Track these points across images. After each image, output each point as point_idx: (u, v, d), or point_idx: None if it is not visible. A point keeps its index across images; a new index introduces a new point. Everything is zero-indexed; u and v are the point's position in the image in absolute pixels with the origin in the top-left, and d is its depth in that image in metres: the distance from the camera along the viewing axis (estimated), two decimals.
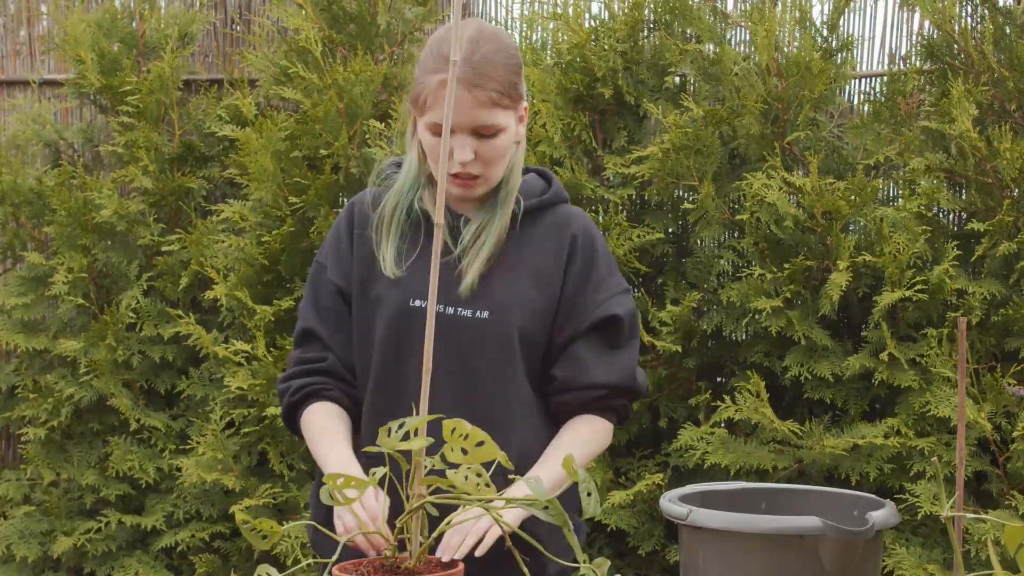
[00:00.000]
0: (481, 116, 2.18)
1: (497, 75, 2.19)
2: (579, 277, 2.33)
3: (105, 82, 4.82)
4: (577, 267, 2.33)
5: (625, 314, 2.34)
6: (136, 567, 4.69)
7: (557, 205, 2.37)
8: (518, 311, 2.28)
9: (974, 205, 4.11)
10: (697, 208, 4.23)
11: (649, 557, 4.29)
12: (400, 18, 4.72)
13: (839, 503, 2.09)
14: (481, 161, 2.22)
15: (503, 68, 2.20)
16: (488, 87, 2.17)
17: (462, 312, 2.27)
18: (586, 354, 2.32)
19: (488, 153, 2.22)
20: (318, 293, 2.37)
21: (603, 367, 2.33)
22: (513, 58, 2.23)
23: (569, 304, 2.32)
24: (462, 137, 2.20)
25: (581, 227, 2.35)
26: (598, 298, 2.32)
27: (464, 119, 2.18)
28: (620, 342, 2.35)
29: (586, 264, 2.33)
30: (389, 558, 1.78)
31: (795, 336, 4.05)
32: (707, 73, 4.39)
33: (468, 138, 2.20)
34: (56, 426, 4.78)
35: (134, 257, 4.86)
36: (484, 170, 2.24)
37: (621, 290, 2.36)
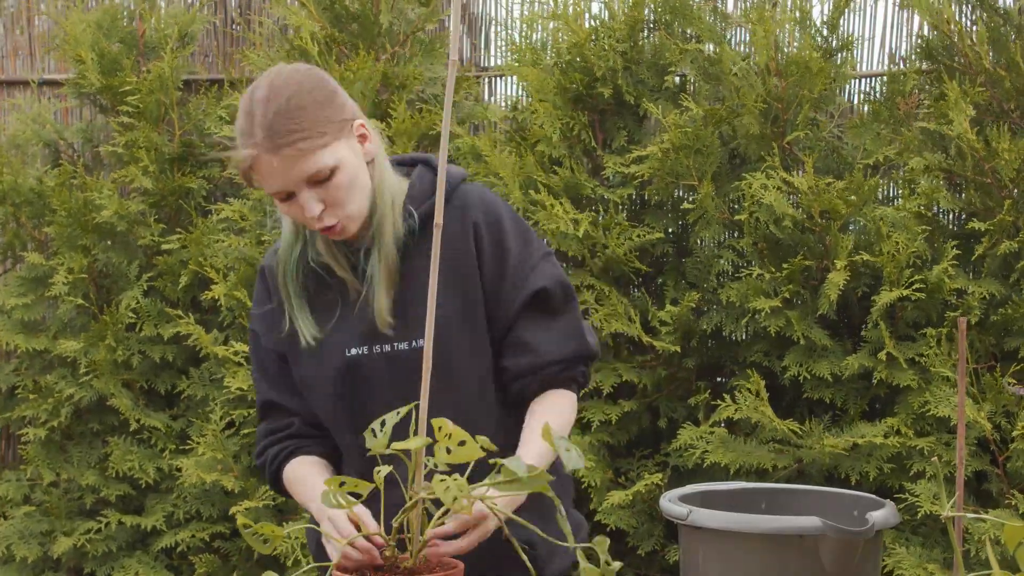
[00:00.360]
0: (304, 170, 2.09)
1: (297, 124, 2.07)
2: (494, 262, 2.23)
3: (105, 82, 4.82)
4: (488, 253, 2.22)
5: (551, 283, 2.24)
6: (136, 567, 4.69)
7: (454, 193, 2.24)
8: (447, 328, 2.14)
9: (973, 205, 4.11)
10: (696, 208, 4.23)
11: (649, 557, 4.29)
12: (403, 18, 4.72)
13: (839, 503, 2.09)
14: (333, 206, 2.12)
15: (302, 111, 2.09)
16: (292, 141, 2.07)
17: (399, 346, 2.21)
18: (527, 335, 2.23)
19: (335, 196, 2.12)
20: (263, 362, 2.33)
21: (549, 343, 2.24)
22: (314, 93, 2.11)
23: (494, 293, 2.23)
24: (302, 194, 2.11)
25: (480, 208, 2.24)
26: (520, 276, 2.23)
27: (290, 181, 2.09)
28: (556, 310, 2.26)
29: (496, 245, 2.23)
30: (389, 558, 1.79)
31: (794, 336, 4.05)
32: (707, 73, 4.39)
33: (308, 192, 2.10)
34: (56, 426, 4.78)
35: (134, 257, 4.86)
36: (343, 210, 2.14)
37: (540, 257, 2.26)
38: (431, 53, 4.72)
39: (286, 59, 4.64)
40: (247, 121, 2.10)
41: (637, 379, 4.26)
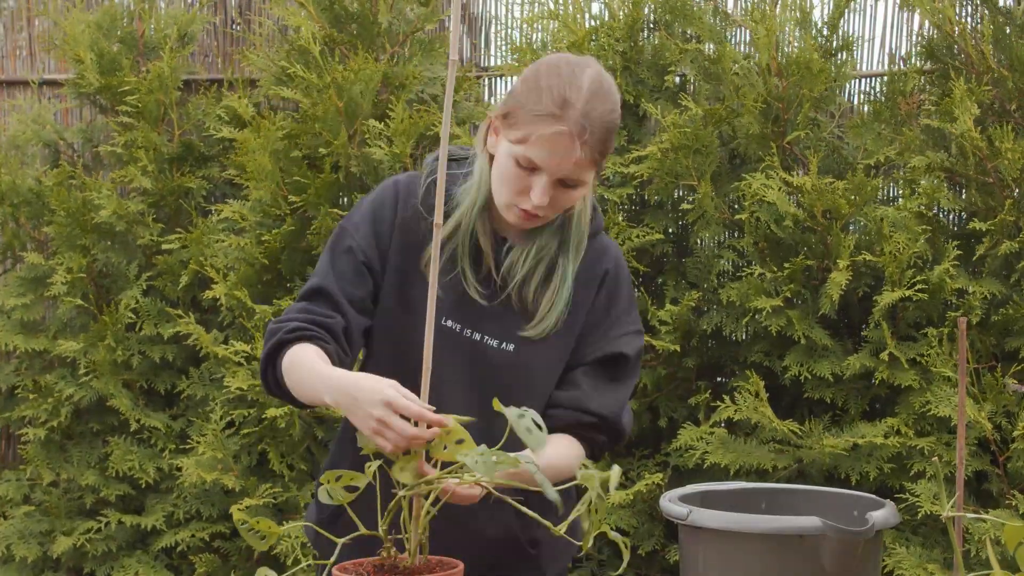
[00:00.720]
0: (575, 171, 2.14)
1: (605, 136, 2.15)
2: (599, 310, 2.30)
3: (105, 82, 4.82)
4: (600, 300, 2.30)
5: (632, 354, 2.32)
6: (136, 567, 4.68)
7: (596, 236, 2.33)
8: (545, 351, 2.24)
9: (975, 205, 4.10)
10: (696, 208, 4.23)
11: (649, 557, 4.29)
12: (402, 18, 4.72)
13: (839, 503, 2.09)
14: (553, 207, 2.18)
15: (608, 130, 2.15)
16: (595, 148, 2.13)
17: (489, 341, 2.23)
18: (585, 382, 2.29)
19: (562, 201, 2.18)
20: (339, 258, 2.26)
21: (599, 397, 2.29)
22: (616, 119, 2.19)
23: (584, 334, 2.30)
24: (545, 180, 2.14)
25: (613, 262, 2.33)
26: (611, 334, 2.30)
27: (559, 168, 2.13)
28: (620, 377, 2.33)
29: (609, 298, 2.31)
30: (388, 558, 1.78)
31: (795, 336, 4.05)
32: (707, 73, 4.39)
33: (549, 183, 2.14)
34: (56, 426, 4.78)
35: (133, 257, 4.86)
36: (551, 213, 2.20)
37: (635, 330, 2.34)
38: (430, 53, 4.72)
39: (287, 59, 4.64)
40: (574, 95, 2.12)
41: (637, 379, 4.25)
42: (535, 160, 2.12)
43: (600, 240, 2.33)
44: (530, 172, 2.14)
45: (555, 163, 2.12)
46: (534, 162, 2.13)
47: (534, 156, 2.12)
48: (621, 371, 2.32)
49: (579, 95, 2.12)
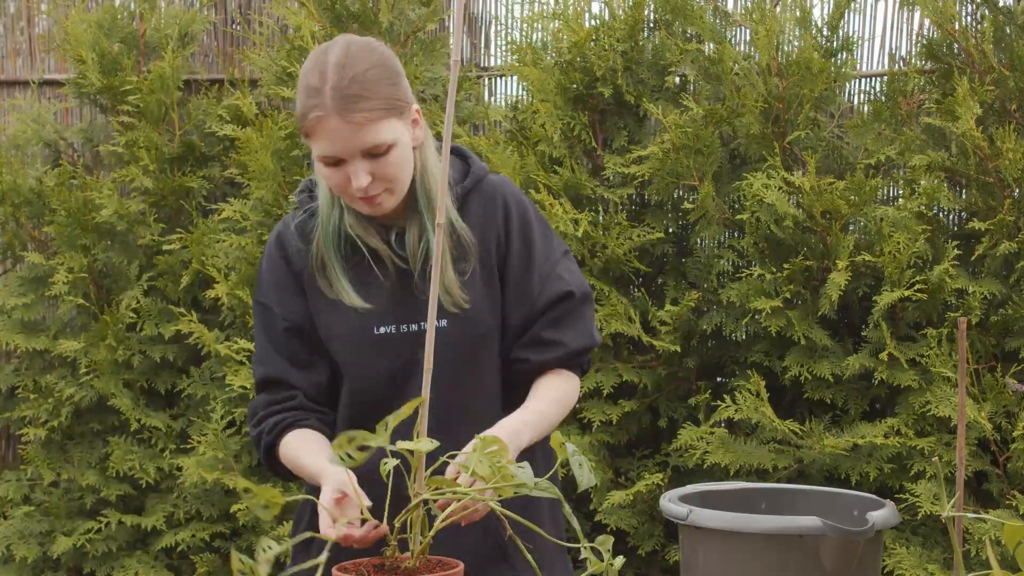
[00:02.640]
0: (365, 139, 2.12)
1: (370, 93, 2.12)
2: (520, 254, 2.29)
3: (105, 82, 4.82)
4: (516, 245, 2.29)
5: (576, 287, 2.32)
6: (136, 567, 4.69)
7: (481, 182, 2.32)
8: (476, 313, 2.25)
9: (975, 204, 4.10)
10: (697, 208, 4.23)
11: (649, 557, 4.29)
12: (403, 18, 4.72)
13: (839, 503, 2.09)
14: (380, 179, 2.16)
15: (375, 83, 2.13)
16: (363, 108, 2.11)
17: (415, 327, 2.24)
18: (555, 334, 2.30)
19: (384, 171, 2.16)
20: (270, 334, 2.31)
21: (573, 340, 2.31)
22: (387, 69, 2.17)
23: (519, 285, 2.29)
24: (354, 164, 2.14)
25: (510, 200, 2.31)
26: (544, 275, 2.29)
27: (348, 147, 2.12)
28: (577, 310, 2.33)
29: (523, 237, 2.30)
30: (389, 558, 1.78)
31: (795, 336, 4.05)
32: (707, 73, 4.39)
33: (360, 163, 2.14)
34: (56, 426, 4.78)
35: (134, 257, 4.86)
36: (388, 185, 2.18)
37: (561, 254, 2.33)
38: (431, 53, 4.72)
39: (287, 59, 4.64)
40: (319, 80, 2.13)
41: (637, 379, 4.26)
42: (326, 154, 2.14)
43: (487, 183, 2.32)
44: (336, 165, 2.15)
45: (340, 146, 2.13)
46: (329, 155, 2.14)
47: (322, 151, 2.14)
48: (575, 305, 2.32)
49: (324, 77, 2.13)
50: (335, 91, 2.10)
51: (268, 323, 2.32)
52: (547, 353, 2.30)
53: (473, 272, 2.26)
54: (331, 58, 2.14)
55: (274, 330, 2.31)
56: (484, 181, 2.32)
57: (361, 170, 2.14)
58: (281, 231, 2.33)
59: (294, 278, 2.30)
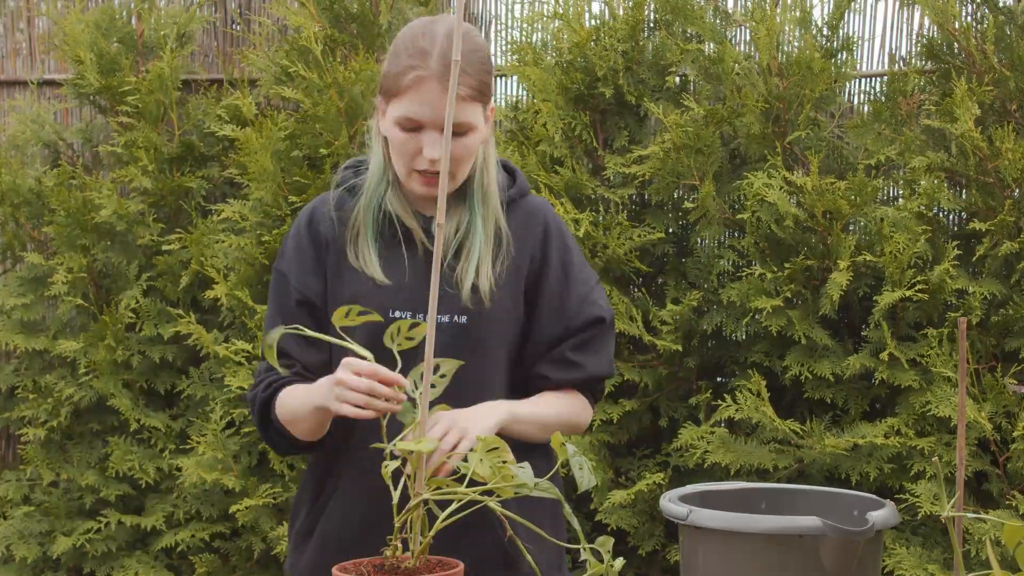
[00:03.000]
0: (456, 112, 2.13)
1: (472, 71, 2.16)
2: (559, 276, 2.33)
3: (104, 82, 4.82)
4: (554, 265, 2.33)
5: (607, 314, 2.36)
6: (136, 567, 4.69)
7: (523, 198, 2.36)
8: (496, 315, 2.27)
9: (975, 205, 4.10)
10: (698, 208, 4.23)
11: (649, 557, 4.29)
12: (402, 18, 4.72)
13: (839, 503, 2.09)
14: (451, 159, 2.17)
15: (478, 65, 2.19)
16: (464, 82, 2.15)
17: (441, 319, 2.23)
18: (580, 358, 2.33)
19: (458, 151, 2.19)
20: (282, 305, 2.32)
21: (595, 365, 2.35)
22: (486, 57, 2.23)
23: (555, 304, 2.32)
24: (433, 134, 2.17)
25: (551, 221, 2.35)
26: (581, 297, 2.33)
27: (437, 115, 2.15)
28: (604, 337, 2.37)
29: (562, 261, 2.34)
30: (389, 558, 1.78)
31: (795, 336, 4.05)
32: (708, 73, 4.39)
33: (437, 134, 2.17)
34: (56, 426, 4.78)
35: (134, 257, 4.86)
36: (453, 168, 2.20)
37: (595, 283, 2.38)
38: None
39: (287, 59, 4.64)
40: (428, 43, 2.17)
41: (638, 378, 4.25)
42: (412, 116, 2.16)
43: (529, 201, 2.36)
44: (415, 132, 2.18)
45: (430, 110, 2.15)
46: (412, 118, 2.16)
47: (409, 112, 2.16)
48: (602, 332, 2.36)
49: (434, 42, 2.17)
50: (444, 58, 2.15)
51: (282, 293, 2.33)
52: (568, 374, 2.33)
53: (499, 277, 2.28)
54: (441, 29, 2.19)
55: (286, 301, 2.32)
56: (527, 198, 2.36)
57: (436, 141, 2.17)
58: (316, 205, 2.35)
59: (317, 255, 2.30)
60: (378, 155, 2.29)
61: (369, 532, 2.03)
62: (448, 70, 2.12)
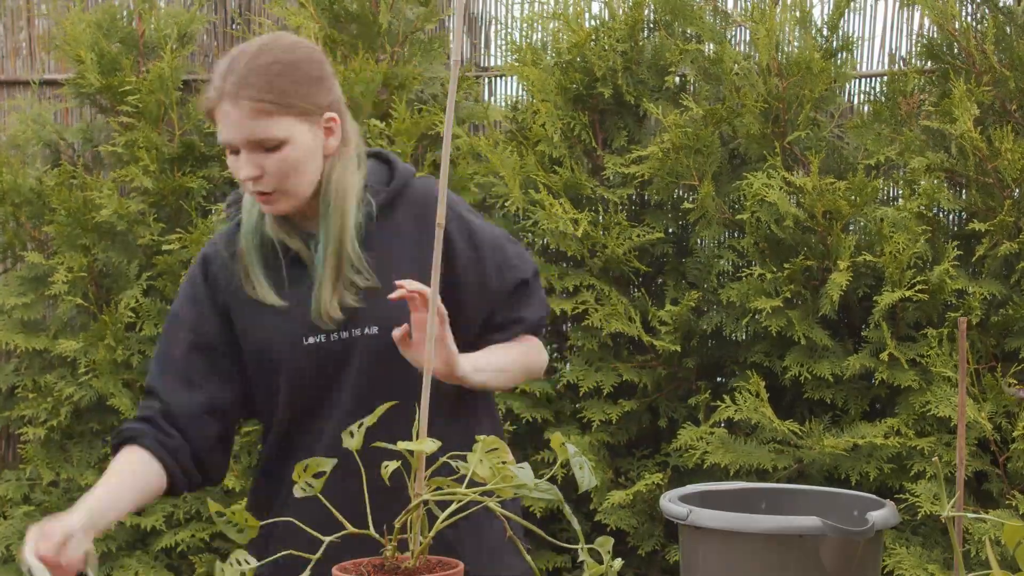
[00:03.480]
0: (252, 128, 2.11)
1: (263, 83, 2.11)
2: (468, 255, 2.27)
3: (105, 82, 4.82)
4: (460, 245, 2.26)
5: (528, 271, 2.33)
6: (136, 567, 4.68)
7: (408, 188, 2.29)
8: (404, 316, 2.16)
9: (975, 205, 4.10)
10: (697, 208, 4.23)
11: (649, 557, 4.29)
12: (402, 18, 4.72)
13: (839, 503, 2.09)
14: (272, 176, 2.14)
15: (276, 77, 2.12)
16: (252, 96, 2.10)
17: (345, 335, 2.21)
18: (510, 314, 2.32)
19: (276, 167, 2.14)
20: (169, 345, 2.30)
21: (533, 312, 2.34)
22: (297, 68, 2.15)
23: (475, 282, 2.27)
24: (244, 154, 2.13)
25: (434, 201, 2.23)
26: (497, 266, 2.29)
27: (235, 135, 2.13)
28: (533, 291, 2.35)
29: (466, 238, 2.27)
30: (389, 558, 1.78)
31: (795, 336, 4.05)
32: (707, 73, 4.39)
33: (250, 154, 2.13)
34: (56, 426, 4.78)
35: (134, 257, 4.86)
36: (279, 184, 2.15)
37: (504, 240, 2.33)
38: (430, 53, 4.72)
39: None
40: (227, 65, 2.15)
41: (637, 379, 4.25)
42: (221, 138, 2.15)
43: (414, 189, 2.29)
44: (236, 154, 2.15)
45: (230, 132, 2.13)
46: (225, 142, 2.15)
47: (220, 135, 2.15)
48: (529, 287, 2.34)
49: (228, 65, 2.14)
50: (235, 76, 2.11)
51: (171, 334, 2.31)
52: (509, 331, 2.32)
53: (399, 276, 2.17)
54: (248, 47, 2.16)
55: (175, 341, 2.29)
56: (410, 187, 2.29)
57: (248, 161, 2.14)
58: (207, 251, 2.32)
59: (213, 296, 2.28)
60: None
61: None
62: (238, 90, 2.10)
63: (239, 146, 2.14)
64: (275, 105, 2.12)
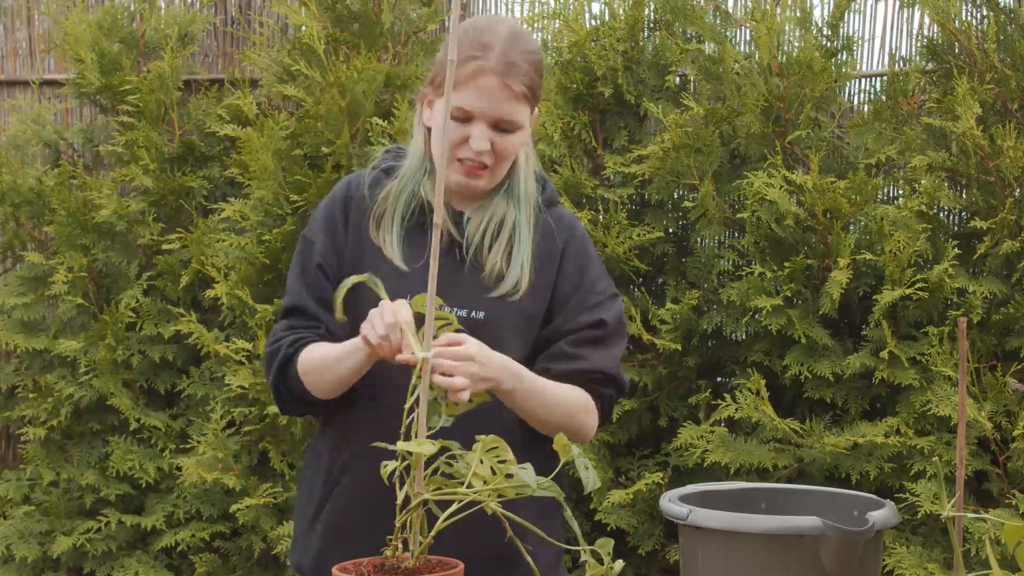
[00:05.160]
0: (506, 109, 2.20)
1: (527, 70, 2.22)
2: (570, 277, 2.34)
3: (105, 82, 4.82)
4: (569, 267, 2.34)
5: (611, 319, 2.35)
6: (136, 567, 4.69)
7: (553, 207, 2.39)
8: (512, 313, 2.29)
9: (976, 204, 4.10)
10: (697, 207, 4.23)
11: (649, 556, 4.29)
12: (404, 18, 4.72)
13: (839, 503, 2.09)
14: (495, 154, 2.24)
15: (533, 66, 2.23)
16: (520, 81, 2.20)
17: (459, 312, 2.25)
18: (574, 351, 2.32)
19: (503, 147, 2.24)
20: (306, 269, 2.34)
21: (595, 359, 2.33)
22: (540, 60, 2.27)
23: (561, 303, 2.33)
24: (482, 126, 2.21)
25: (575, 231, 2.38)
26: (590, 302, 2.34)
27: (490, 107, 2.20)
28: (607, 339, 2.35)
29: (578, 265, 2.35)
30: (389, 558, 1.78)
31: (795, 335, 4.05)
32: (708, 72, 4.39)
33: (488, 129, 2.22)
34: (56, 426, 4.78)
35: (134, 257, 4.86)
36: (495, 163, 2.25)
37: (610, 295, 2.38)
38: (432, 53, 4.73)
39: (289, 58, 4.64)
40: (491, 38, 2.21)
41: (638, 378, 4.25)
42: (465, 106, 2.20)
43: (557, 211, 2.39)
44: (464, 122, 2.21)
45: (485, 103, 2.20)
46: (465, 109, 2.20)
47: (465, 103, 2.19)
48: (606, 334, 2.35)
49: (496, 38, 2.21)
50: (504, 55, 2.19)
51: (306, 257, 2.35)
52: (568, 364, 2.31)
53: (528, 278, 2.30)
54: (503, 28, 2.24)
55: (309, 264, 2.34)
56: (556, 208, 2.40)
57: (484, 134, 2.21)
58: (352, 177, 2.39)
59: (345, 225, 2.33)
60: (418, 144, 2.33)
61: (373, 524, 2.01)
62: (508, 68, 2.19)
63: (483, 119, 2.21)
64: (529, 94, 2.24)
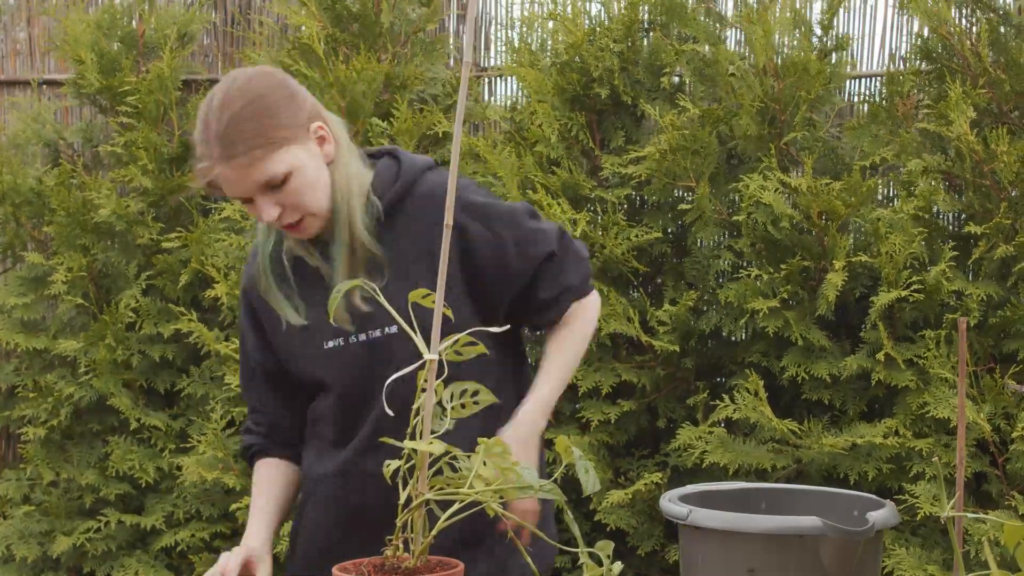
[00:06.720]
0: (256, 178, 2.13)
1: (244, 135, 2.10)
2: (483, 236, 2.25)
3: (105, 82, 4.82)
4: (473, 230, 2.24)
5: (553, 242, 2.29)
6: (136, 567, 4.69)
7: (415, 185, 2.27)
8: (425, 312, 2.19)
9: (972, 207, 4.11)
10: (694, 208, 4.23)
11: (648, 557, 4.29)
12: (404, 18, 4.73)
13: (839, 503, 2.09)
14: (291, 207, 2.17)
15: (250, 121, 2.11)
16: (243, 151, 2.11)
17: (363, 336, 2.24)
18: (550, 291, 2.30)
19: (291, 199, 2.16)
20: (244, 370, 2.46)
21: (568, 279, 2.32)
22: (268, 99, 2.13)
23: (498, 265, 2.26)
24: (258, 201, 2.16)
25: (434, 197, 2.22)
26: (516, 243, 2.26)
27: (245, 190, 2.14)
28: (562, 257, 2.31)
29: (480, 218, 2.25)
30: (390, 558, 1.79)
31: (792, 336, 4.05)
32: (703, 74, 4.39)
33: (261, 198, 2.15)
34: (56, 426, 4.79)
35: (133, 257, 4.86)
36: (301, 210, 2.18)
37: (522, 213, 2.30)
38: (431, 54, 4.73)
39: (289, 58, 4.65)
40: (204, 131, 2.14)
41: (636, 379, 4.26)
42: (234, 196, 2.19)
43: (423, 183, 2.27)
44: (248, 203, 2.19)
45: (238, 189, 2.16)
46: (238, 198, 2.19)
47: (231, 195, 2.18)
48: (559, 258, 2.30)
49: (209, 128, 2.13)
50: (220, 142, 2.11)
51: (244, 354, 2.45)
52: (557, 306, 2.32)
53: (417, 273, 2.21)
54: (213, 103, 2.14)
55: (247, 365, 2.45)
56: (419, 183, 2.27)
57: (266, 204, 2.16)
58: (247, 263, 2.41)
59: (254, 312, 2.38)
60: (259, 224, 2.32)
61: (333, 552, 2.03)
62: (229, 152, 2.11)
63: (251, 196, 2.16)
64: (265, 148, 2.12)
